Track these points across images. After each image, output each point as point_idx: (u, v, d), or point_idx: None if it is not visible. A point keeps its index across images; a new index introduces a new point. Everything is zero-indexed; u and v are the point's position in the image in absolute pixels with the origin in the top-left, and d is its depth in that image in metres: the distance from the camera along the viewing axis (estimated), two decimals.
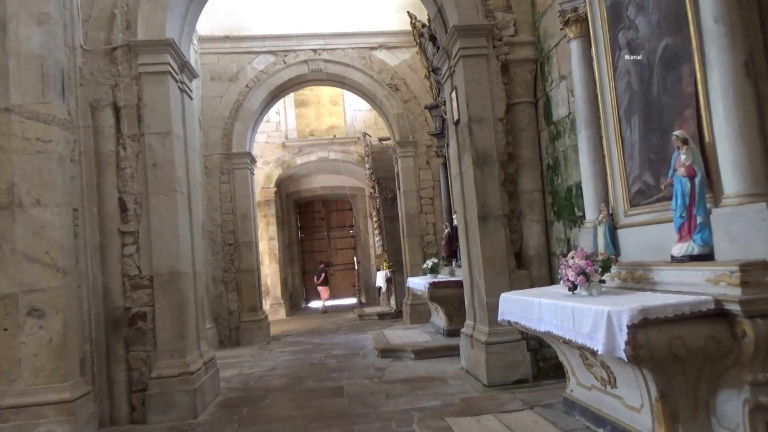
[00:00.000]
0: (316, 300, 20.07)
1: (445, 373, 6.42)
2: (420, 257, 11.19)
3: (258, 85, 11.11)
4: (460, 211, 6.51)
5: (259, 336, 10.59)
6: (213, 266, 10.69)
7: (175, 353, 5.45)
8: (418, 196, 11.36)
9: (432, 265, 8.69)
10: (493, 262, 5.83)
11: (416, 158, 11.42)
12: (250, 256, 10.84)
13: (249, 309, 10.72)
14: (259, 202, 16.02)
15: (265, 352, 9.40)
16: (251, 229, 10.93)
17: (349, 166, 17.17)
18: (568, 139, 5.52)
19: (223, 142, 10.94)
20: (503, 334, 5.72)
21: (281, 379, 6.97)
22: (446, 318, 8.21)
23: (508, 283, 5.82)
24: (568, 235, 5.62)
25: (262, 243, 15.98)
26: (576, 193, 5.40)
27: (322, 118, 18.57)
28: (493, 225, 5.88)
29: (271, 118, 16.49)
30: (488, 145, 5.93)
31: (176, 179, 5.62)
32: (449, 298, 8.00)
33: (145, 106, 5.59)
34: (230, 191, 10.90)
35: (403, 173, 11.35)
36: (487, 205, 5.88)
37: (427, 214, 11.40)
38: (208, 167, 10.85)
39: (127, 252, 5.52)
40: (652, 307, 2.65)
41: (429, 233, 11.36)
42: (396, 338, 8.58)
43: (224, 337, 10.62)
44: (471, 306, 6.36)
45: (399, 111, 11.42)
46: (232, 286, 10.76)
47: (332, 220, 20.84)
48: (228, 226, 10.84)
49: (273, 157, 16.38)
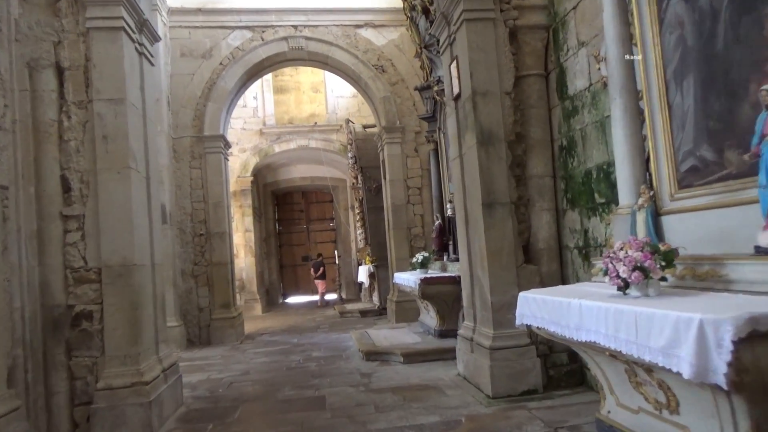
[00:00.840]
0: (294, 295, 19.25)
1: (440, 381, 5.68)
2: (407, 251, 10.45)
3: (233, 62, 10.22)
4: (459, 199, 5.77)
5: (231, 335, 9.75)
6: (182, 259, 9.81)
7: (128, 359, 4.61)
8: (405, 186, 10.60)
9: (422, 260, 7.94)
10: (498, 256, 5.10)
11: (404, 145, 10.65)
12: (222, 248, 9.98)
13: (221, 305, 9.87)
14: (235, 191, 15.14)
15: (237, 353, 8.57)
16: (224, 219, 10.07)
17: (331, 155, 16.35)
18: (587, 115, 4.80)
19: (195, 124, 10.05)
20: (510, 338, 5.00)
21: (255, 386, 6.17)
22: (438, 317, 7.47)
23: (515, 280, 5.10)
24: (586, 226, 4.91)
25: (237, 235, 15.10)
26: (597, 177, 4.69)
27: (302, 105, 17.71)
28: (500, 213, 5.14)
29: (248, 102, 15.60)
30: (494, 122, 5.19)
31: (130, 155, 4.77)
32: (442, 296, 7.26)
33: (94, 68, 4.72)
34: (202, 177, 10.02)
35: (389, 161, 10.58)
36: (492, 190, 5.14)
37: (415, 205, 10.65)
38: (178, 151, 9.95)
39: (70, 240, 4.66)
40: (763, 315, 1.92)
41: (417, 225, 10.62)
42: (382, 339, 7.82)
43: (193, 336, 9.76)
44: (470, 305, 5.63)
45: (385, 94, 10.63)
46: (202, 281, 9.90)
47: (312, 212, 20.00)
48: (199, 216, 9.96)
49: (250, 144, 15.48)
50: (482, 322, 5.29)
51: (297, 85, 18.24)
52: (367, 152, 12.58)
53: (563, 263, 5.34)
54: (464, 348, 5.69)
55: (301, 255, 19.71)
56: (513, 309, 5.04)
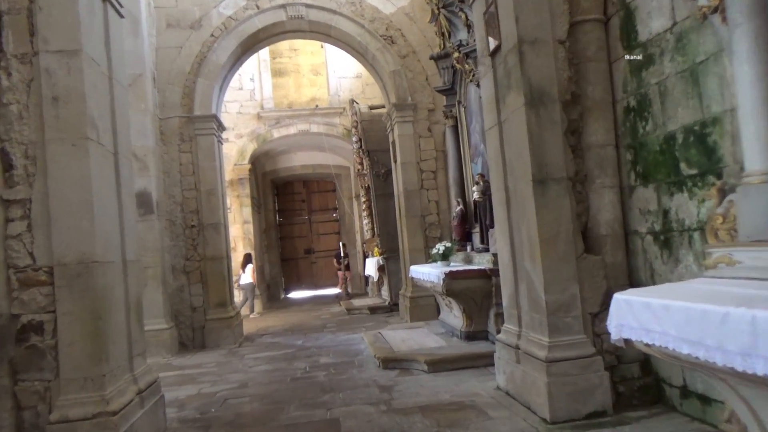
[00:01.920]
0: (297, 290, 18.29)
1: (478, 397, 4.69)
2: (421, 240, 9.45)
3: (226, 34, 9.17)
4: (498, 176, 4.76)
5: (228, 337, 8.77)
6: (172, 253, 8.81)
7: (89, 383, 3.61)
8: (418, 169, 9.58)
9: (444, 251, 6.93)
10: (553, 245, 4.09)
11: (416, 124, 9.62)
12: (217, 241, 8.98)
13: (216, 304, 8.88)
14: (232, 180, 14.15)
15: (235, 358, 7.58)
16: (219, 209, 9.06)
17: (333, 140, 15.32)
18: (669, 65, 3.77)
19: (184, 103, 9.02)
20: (570, 346, 4.00)
21: (254, 403, 5.18)
22: (464, 317, 6.48)
23: (574, 274, 4.10)
24: (666, 205, 3.89)
25: (234, 227, 14.11)
26: (685, 142, 3.66)
27: (302, 89, 16.68)
28: (554, 192, 4.13)
29: (245, 85, 14.57)
30: (546, 78, 4.16)
31: (89, 122, 3.75)
32: (470, 293, 6.26)
33: (40, 11, 3.69)
34: (192, 162, 9.00)
35: (400, 142, 9.55)
36: (545, 163, 4.12)
37: (429, 190, 9.64)
38: (165, 133, 8.93)
39: (13, 231, 3.65)
40: None
41: (431, 212, 9.61)
42: (399, 342, 6.83)
43: (186, 338, 8.78)
44: (513, 305, 4.63)
45: (395, 68, 9.59)
46: (195, 277, 8.90)
47: (314, 203, 18.99)
48: (190, 205, 8.96)
49: (247, 129, 14.45)
50: (531, 327, 4.29)
51: (296, 67, 17.21)
52: (374, 134, 11.55)
53: (630, 252, 4.32)
54: (506, 357, 4.69)
55: (304, 248, 18.74)
56: (572, 310, 4.09)
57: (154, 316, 8.08)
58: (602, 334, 4.15)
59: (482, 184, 6.61)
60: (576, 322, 4.06)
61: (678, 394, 3.93)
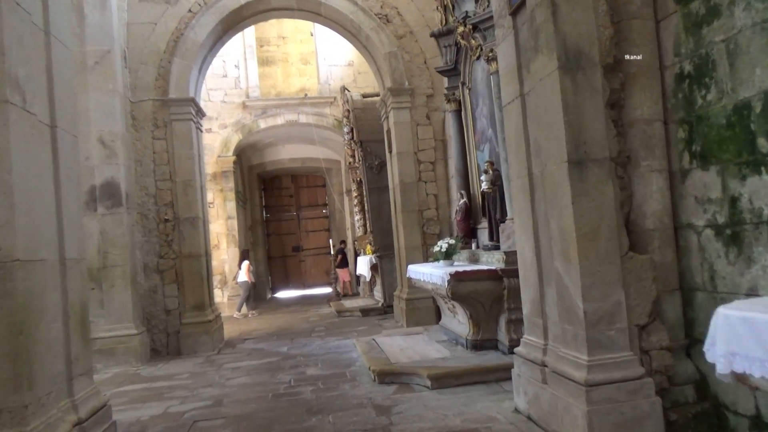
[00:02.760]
0: (284, 289, 17.47)
1: (495, 423, 3.93)
2: (418, 237, 8.68)
3: (205, 9, 8.34)
4: (518, 160, 4.00)
5: (206, 343, 7.95)
6: (144, 250, 7.98)
7: (5, 417, 2.80)
8: (415, 160, 8.80)
9: (447, 248, 6.15)
10: (593, 241, 3.32)
11: (413, 111, 8.84)
12: (195, 237, 8.16)
13: (193, 307, 8.06)
14: (215, 173, 13.34)
15: (212, 368, 6.77)
16: (197, 202, 8.23)
17: (323, 132, 14.52)
18: (742, 15, 3.01)
19: (158, 85, 8.18)
20: (614, 366, 3.24)
21: (226, 429, 4.38)
22: (471, 324, 5.71)
23: (619, 276, 3.34)
24: (734, 191, 3.13)
25: (218, 222, 13.30)
26: (765, 111, 2.91)
27: (291, 79, 15.88)
28: (595, 175, 3.36)
29: (229, 72, 13.74)
30: (584, 36, 3.40)
31: (10, 81, 2.93)
32: (479, 296, 5.50)
33: None
34: (167, 150, 8.16)
35: (396, 130, 8.76)
36: (583, 140, 3.36)
37: (427, 182, 8.86)
38: (137, 118, 8.09)
39: None
40: None
41: (430, 207, 8.83)
42: (397, 351, 6.06)
43: (159, 344, 7.95)
44: (537, 313, 3.87)
45: (391, 49, 8.80)
46: (170, 277, 8.08)
47: (302, 198, 18.16)
48: (164, 197, 8.12)
49: (231, 119, 13.62)
50: (563, 341, 3.52)
51: (284, 56, 16.40)
52: (368, 123, 10.77)
53: (681, 251, 3.57)
54: (528, 374, 3.93)
55: (292, 245, 17.91)
56: (616, 321, 3.32)
57: (122, 320, 7.27)
58: (651, 350, 3.41)
59: (492, 173, 5.85)
60: (621, 335, 3.30)
61: (747, 426, 3.18)
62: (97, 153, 7.30)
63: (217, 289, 13.28)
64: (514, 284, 5.29)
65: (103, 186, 7.31)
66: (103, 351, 7.09)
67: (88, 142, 7.25)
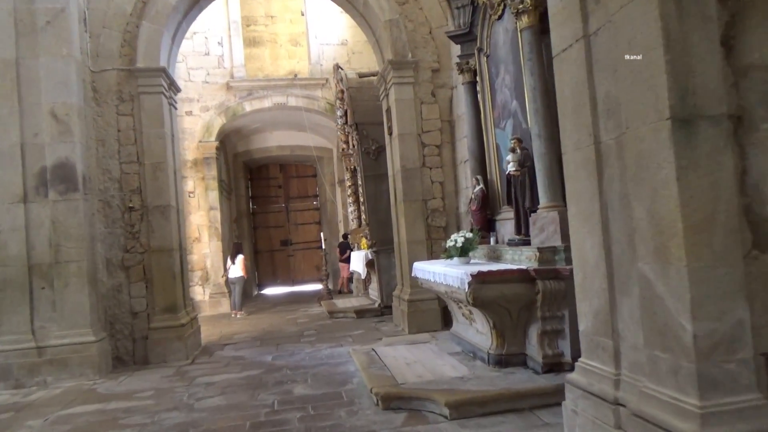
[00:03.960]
0: (272, 285, 16.42)
1: None
2: (422, 231, 7.66)
3: None
4: (577, 126, 2.99)
5: (179, 350, 6.91)
6: (107, 243, 6.91)
7: None
8: (419, 143, 7.77)
9: (464, 243, 5.12)
10: (707, 233, 2.31)
11: (417, 87, 7.79)
12: (166, 228, 7.09)
13: (164, 309, 7.00)
14: (196, 159, 12.25)
15: (181, 384, 5.72)
16: (169, 188, 7.15)
17: (315, 117, 13.43)
18: None
19: (124, 53, 7.09)
20: (737, 416, 2.24)
21: None
22: (495, 334, 4.70)
23: (740, 285, 2.33)
24: None
25: (199, 213, 12.23)
26: None
27: (280, 61, 14.79)
28: (708, 139, 2.35)
29: (211, 49, 12.62)
30: None
31: None
32: (506, 302, 4.49)
33: None
34: (134, 128, 7.08)
35: (398, 109, 7.72)
36: (692, 88, 2.34)
37: (432, 168, 7.83)
38: (100, 91, 7.00)
39: None
40: None
41: (435, 196, 7.81)
42: (402, 365, 5.04)
43: (124, 352, 6.89)
44: (606, 330, 2.86)
45: (392, 17, 7.74)
46: (137, 274, 7.01)
47: (292, 189, 17.07)
48: (130, 182, 7.04)
49: (214, 101, 12.50)
50: (653, 374, 2.51)
51: (273, 37, 15.31)
52: (364, 104, 9.73)
53: None
54: (591, 413, 2.92)
55: (280, 239, 16.83)
56: (739, 348, 2.32)
57: (77, 325, 6.21)
58: None
59: (519, 152, 4.84)
60: (744, 369, 2.30)
61: None
62: (49, 128, 6.21)
63: (198, 286, 12.23)
64: (551, 288, 4.31)
65: (55, 167, 6.22)
66: (55, 361, 6.05)
67: (37, 116, 6.18)
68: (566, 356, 4.38)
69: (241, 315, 11.05)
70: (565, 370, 4.34)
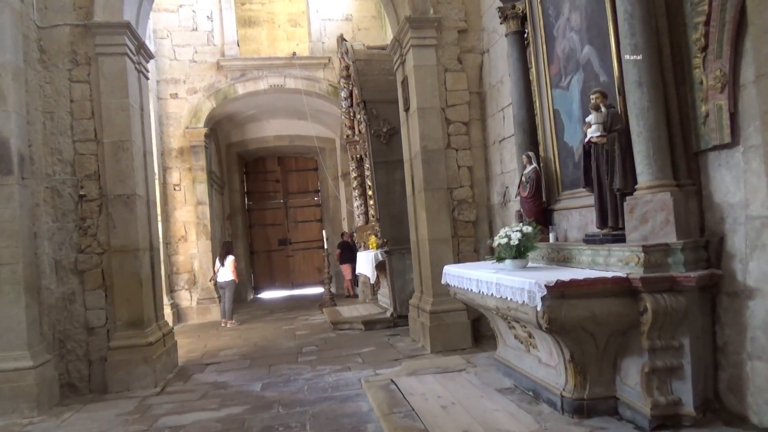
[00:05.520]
0: (269, 289, 15.02)
1: None
2: (447, 226, 6.26)
3: None
4: None
5: (146, 374, 5.51)
6: (55, 241, 5.52)
7: None
8: (443, 119, 6.36)
9: (522, 240, 3.70)
10: None
11: (441, 51, 6.40)
12: (130, 223, 5.70)
13: (128, 323, 5.61)
14: (182, 148, 10.89)
15: (138, 429, 4.32)
16: (135, 172, 5.76)
17: (316, 102, 12.04)
18: None
19: (79, 4, 5.72)
20: None
21: None
22: (573, 370, 3.28)
23: None
24: None
25: (186, 209, 10.86)
26: None
27: (277, 43, 13.48)
28: None
29: (200, 24, 11.24)
30: None
31: None
32: (594, 325, 3.08)
33: None
34: (91, 98, 5.69)
35: (417, 77, 6.31)
36: None
37: (459, 150, 6.44)
38: (48, 51, 5.61)
39: None
40: None
41: (462, 184, 6.41)
42: (437, 410, 3.64)
43: (77, 377, 5.51)
44: None
45: None
46: (94, 280, 5.62)
47: (291, 183, 15.66)
48: (86, 165, 5.66)
49: (203, 82, 11.10)
50: None
51: (270, 16, 14.01)
52: (373, 80, 8.34)
53: None
54: None
55: (278, 238, 15.43)
56: None
57: (10, 347, 4.84)
58: None
59: (605, 111, 3.42)
60: None
61: None
62: None
63: (185, 290, 10.85)
64: (665, 305, 2.92)
65: None
66: None
67: None
68: (686, 405, 2.99)
69: (231, 324, 9.67)
70: (685, 425, 2.95)
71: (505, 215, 6.13)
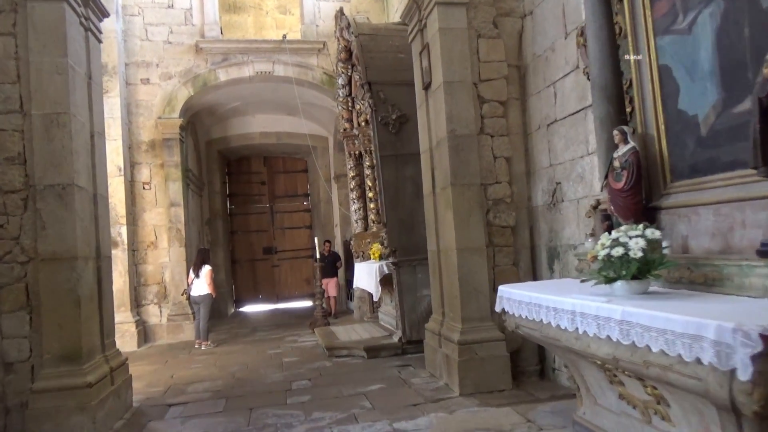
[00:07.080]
0: (252, 302, 13.57)
1: None
2: (481, 232, 4.91)
3: None
4: None
5: (82, 426, 4.07)
6: None
7: None
8: (475, 96, 5.03)
9: (644, 250, 2.36)
10: None
11: (472, 13, 5.08)
12: (66, 223, 4.28)
13: (60, 357, 4.19)
14: (154, 141, 9.48)
15: None
16: (74, 155, 4.35)
17: (308, 93, 10.68)
18: None
19: None
20: None
21: None
22: None
23: None
24: None
25: (156, 211, 9.43)
26: None
27: (266, 31, 12.12)
28: None
29: (176, 1, 9.80)
30: None
31: None
32: None
33: None
34: (16, 55, 4.29)
35: (442, 42, 4.96)
36: None
37: (495, 137, 5.10)
38: None
39: None
40: None
41: (500, 180, 5.07)
42: None
43: None
44: None
45: None
46: (13, 299, 4.20)
47: (278, 186, 14.25)
48: (7, 145, 4.25)
49: (179, 67, 9.71)
50: None
51: (257, 2, 12.66)
52: (380, 57, 7.00)
53: None
54: None
55: (263, 245, 14.00)
56: None
57: None
58: None
59: None
60: None
61: None
62: None
63: (154, 305, 9.38)
64: None
65: None
66: None
67: None
68: None
69: (207, 346, 8.23)
70: None
71: (554, 220, 4.81)
